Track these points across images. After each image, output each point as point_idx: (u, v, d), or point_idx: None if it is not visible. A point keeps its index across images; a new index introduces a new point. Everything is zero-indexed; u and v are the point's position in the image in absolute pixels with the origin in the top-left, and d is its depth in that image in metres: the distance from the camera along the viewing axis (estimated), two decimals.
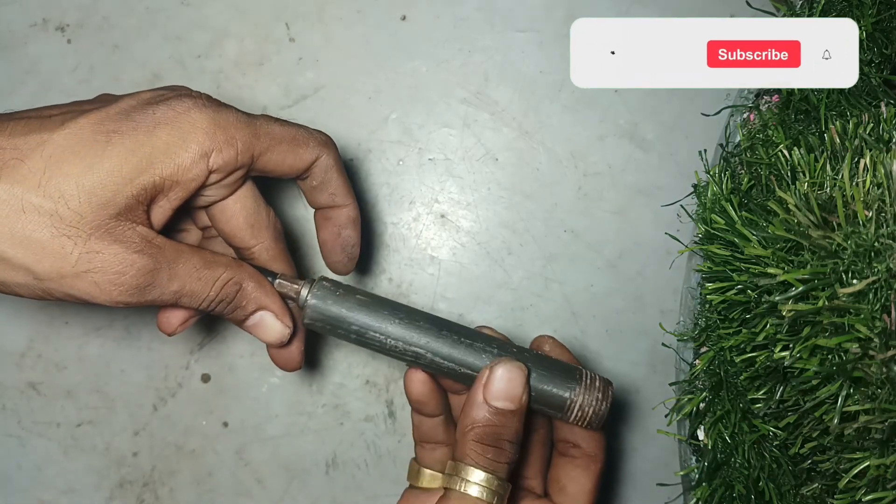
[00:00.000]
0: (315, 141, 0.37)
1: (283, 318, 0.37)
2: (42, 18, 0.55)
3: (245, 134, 0.34)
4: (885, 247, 0.30)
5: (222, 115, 0.34)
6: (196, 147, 0.32)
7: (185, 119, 0.33)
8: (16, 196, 0.30)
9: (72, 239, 0.30)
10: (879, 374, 0.29)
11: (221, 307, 0.35)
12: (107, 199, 0.31)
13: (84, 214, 0.31)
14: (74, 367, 0.54)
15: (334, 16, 0.54)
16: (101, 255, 0.31)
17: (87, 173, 0.31)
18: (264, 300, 0.36)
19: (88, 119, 0.32)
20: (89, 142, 0.31)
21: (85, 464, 0.54)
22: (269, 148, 0.35)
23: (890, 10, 0.40)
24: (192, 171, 0.33)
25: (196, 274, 0.34)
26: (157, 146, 0.32)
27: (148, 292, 0.33)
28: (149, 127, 0.32)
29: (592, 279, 0.53)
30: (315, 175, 0.38)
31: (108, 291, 0.32)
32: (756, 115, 0.44)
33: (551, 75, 0.54)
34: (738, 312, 0.37)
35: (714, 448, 0.41)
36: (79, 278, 0.31)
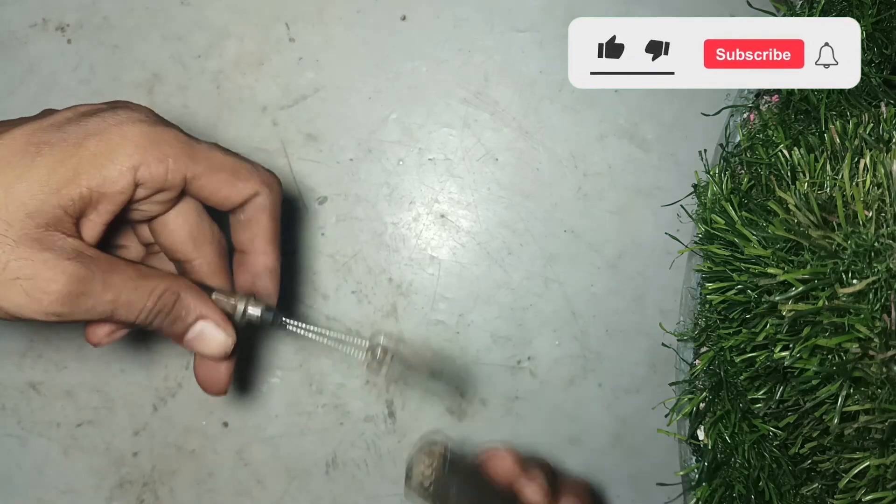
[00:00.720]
0: (258, 178, 0.36)
1: (226, 328, 0.36)
2: (42, 18, 0.55)
3: (179, 153, 0.33)
4: (885, 247, 0.30)
5: (157, 131, 0.33)
6: (124, 159, 0.32)
7: (116, 131, 0.32)
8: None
9: (0, 246, 0.30)
10: (879, 374, 0.29)
11: (160, 319, 0.34)
12: (35, 209, 0.31)
13: (12, 223, 0.30)
14: (74, 367, 0.54)
15: (334, 16, 0.54)
16: (31, 262, 0.30)
17: (15, 182, 0.30)
18: (203, 310, 0.36)
19: (22, 130, 0.32)
20: (20, 153, 0.31)
21: (85, 464, 0.54)
22: (204, 174, 0.34)
23: (890, 10, 0.40)
24: (118, 183, 0.32)
25: (132, 284, 0.33)
26: (85, 157, 0.31)
27: (81, 301, 0.32)
28: (79, 138, 0.32)
29: (592, 279, 0.53)
30: (246, 209, 0.37)
31: (39, 300, 0.31)
32: (756, 115, 0.44)
33: (551, 75, 0.54)
34: (738, 312, 0.37)
35: (714, 448, 0.41)
36: (8, 287, 0.30)
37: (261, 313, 0.37)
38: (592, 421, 0.54)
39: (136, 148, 0.32)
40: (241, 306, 0.37)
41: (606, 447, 0.54)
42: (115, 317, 0.33)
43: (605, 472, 0.53)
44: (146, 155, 0.32)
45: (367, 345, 0.37)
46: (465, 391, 0.54)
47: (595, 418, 0.54)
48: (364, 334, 0.38)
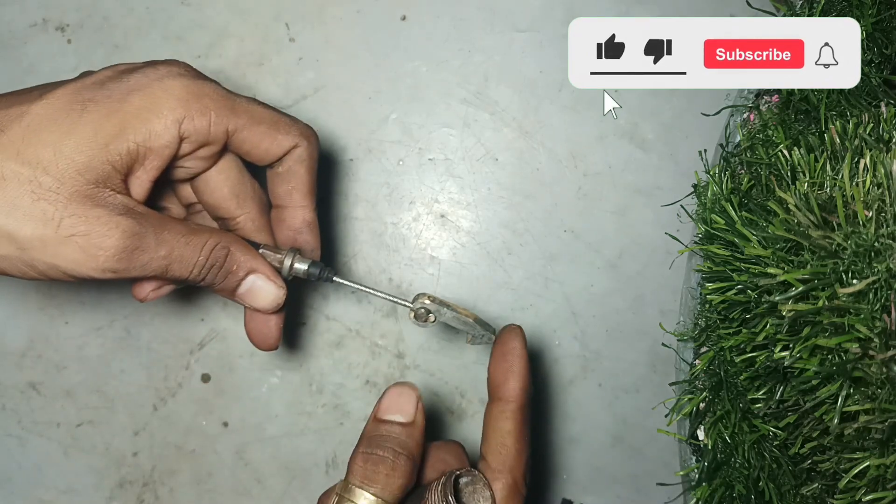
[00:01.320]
0: (297, 130, 0.37)
1: (276, 281, 0.36)
2: (42, 18, 0.55)
3: (221, 106, 0.34)
4: (885, 247, 0.30)
5: (198, 84, 0.34)
6: (168, 113, 0.32)
7: (159, 86, 0.32)
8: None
9: (52, 204, 0.30)
10: (879, 374, 0.29)
11: (212, 274, 0.34)
12: (84, 165, 0.31)
13: (63, 180, 0.30)
14: (74, 367, 0.54)
15: (334, 16, 0.54)
16: (85, 219, 0.30)
17: (63, 140, 0.30)
18: (254, 263, 0.36)
19: (65, 90, 0.32)
20: (65, 110, 0.31)
21: (85, 464, 0.54)
22: (246, 126, 0.35)
23: (890, 10, 0.40)
24: (163, 137, 0.32)
25: (183, 239, 0.33)
26: (130, 112, 0.32)
27: (136, 257, 0.31)
28: (122, 94, 0.32)
29: (592, 279, 0.53)
30: (284, 161, 0.37)
31: (95, 256, 0.31)
32: (756, 115, 0.44)
33: (551, 75, 0.54)
34: (738, 312, 0.37)
35: (714, 448, 0.41)
36: (63, 244, 0.30)
37: (307, 267, 0.38)
38: (592, 421, 0.54)
39: (178, 101, 0.32)
40: (288, 261, 0.37)
41: (606, 447, 0.54)
42: (168, 273, 0.33)
43: (605, 472, 0.54)
44: (189, 108, 0.33)
45: (412, 306, 0.38)
46: (465, 391, 0.54)
47: (595, 418, 0.54)
48: (408, 296, 0.39)
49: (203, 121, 0.33)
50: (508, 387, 0.37)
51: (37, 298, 0.54)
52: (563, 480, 0.53)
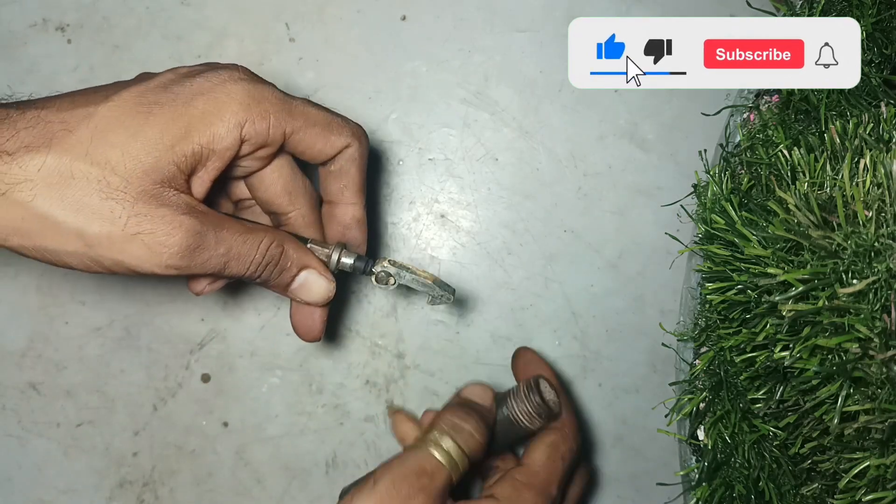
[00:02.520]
0: (349, 131, 0.38)
1: (327, 276, 0.38)
2: (42, 18, 0.55)
3: (279, 109, 0.35)
4: (885, 247, 0.30)
5: (258, 88, 0.35)
6: (231, 117, 0.34)
7: (221, 90, 0.34)
8: (65, 164, 0.31)
9: (119, 203, 0.31)
10: (879, 374, 0.29)
11: (268, 271, 0.36)
12: (150, 165, 0.32)
13: (130, 180, 0.31)
14: (74, 367, 0.54)
15: (334, 16, 0.54)
16: (150, 218, 0.32)
17: (130, 141, 0.32)
18: (306, 259, 0.38)
19: (131, 92, 0.33)
20: (132, 113, 0.32)
21: (85, 464, 0.54)
22: (301, 128, 0.36)
23: (890, 10, 0.40)
24: (226, 139, 0.34)
25: (241, 238, 0.35)
26: (195, 115, 0.33)
27: (197, 255, 0.33)
28: (187, 97, 0.33)
29: (592, 279, 0.53)
30: (337, 160, 0.39)
31: (159, 254, 0.32)
32: (756, 115, 0.44)
33: (551, 75, 0.54)
34: (738, 312, 0.37)
35: (714, 448, 0.41)
36: (129, 242, 0.32)
37: (353, 261, 0.40)
38: (592, 421, 0.54)
39: (240, 105, 0.34)
40: (336, 256, 0.39)
41: (606, 447, 0.54)
42: (226, 270, 0.35)
43: (605, 472, 0.54)
44: (250, 112, 0.34)
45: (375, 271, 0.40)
46: None
47: (595, 418, 0.54)
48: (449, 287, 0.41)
49: (263, 124, 0.35)
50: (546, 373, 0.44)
51: (37, 298, 0.54)
52: None
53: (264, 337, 0.54)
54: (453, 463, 0.37)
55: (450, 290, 0.41)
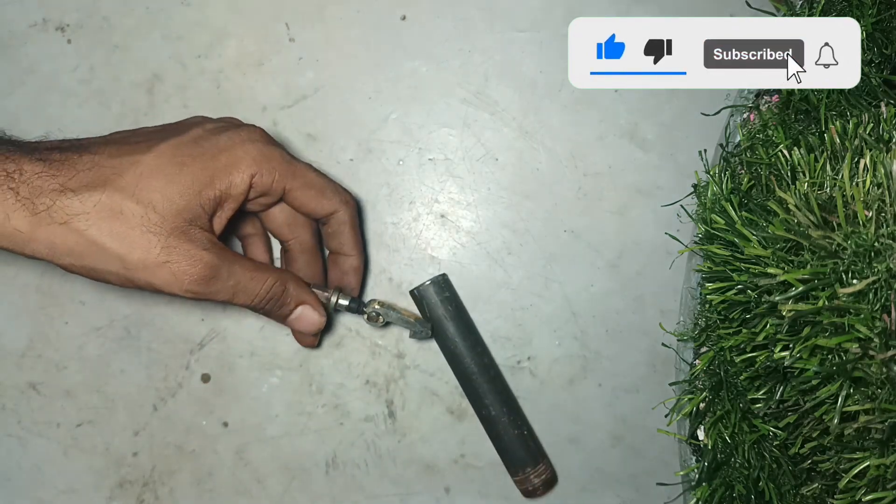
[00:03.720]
0: (339, 198, 0.47)
1: (320, 311, 0.46)
2: (42, 18, 0.55)
3: (284, 169, 0.44)
4: (885, 247, 0.30)
5: (269, 150, 0.44)
6: (245, 169, 0.42)
7: (241, 148, 0.43)
8: (115, 202, 0.39)
9: (156, 236, 0.39)
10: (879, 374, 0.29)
11: (270, 305, 0.44)
12: (182, 207, 0.40)
13: (166, 217, 0.40)
14: (74, 367, 0.54)
15: (334, 16, 0.54)
16: (178, 250, 0.40)
17: (168, 187, 0.40)
18: (304, 296, 0.46)
19: (168, 145, 0.41)
20: (170, 163, 0.40)
21: (85, 464, 0.54)
22: (299, 188, 0.45)
23: (890, 10, 0.40)
24: (240, 187, 0.42)
25: (249, 274, 0.43)
26: (219, 168, 0.42)
27: (212, 284, 0.41)
28: (213, 153, 0.42)
29: (592, 279, 0.53)
30: (331, 224, 0.48)
31: (181, 280, 0.40)
32: (756, 115, 0.44)
33: (551, 75, 0.54)
34: (738, 312, 0.37)
35: (714, 448, 0.41)
36: (160, 268, 0.40)
37: (348, 303, 0.48)
38: (592, 421, 0.54)
39: (254, 161, 0.43)
40: (334, 298, 0.48)
41: (606, 447, 0.54)
42: (234, 299, 0.43)
43: (605, 472, 0.54)
44: (261, 167, 0.43)
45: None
46: None
47: (595, 418, 0.54)
48: (427, 324, 0.50)
49: (269, 178, 0.43)
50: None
51: (37, 298, 0.54)
52: (563, 480, 0.53)
53: (264, 337, 0.54)
54: None
55: (427, 327, 0.49)
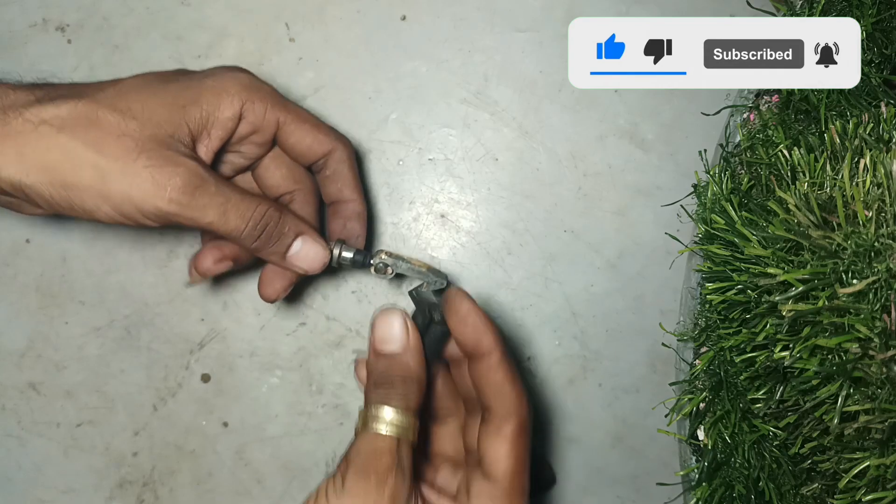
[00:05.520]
0: (335, 134, 0.43)
1: (322, 242, 0.42)
2: (42, 18, 0.55)
3: (275, 100, 0.41)
4: (885, 247, 0.30)
5: (258, 83, 0.41)
6: (234, 93, 0.39)
7: (228, 76, 0.40)
8: (92, 111, 0.36)
9: (133, 141, 0.36)
10: (879, 374, 0.29)
11: (266, 234, 0.39)
12: (164, 119, 0.37)
13: (144, 125, 0.36)
14: (74, 367, 0.54)
15: (334, 16, 0.54)
16: (158, 155, 0.36)
17: (149, 98, 0.37)
18: (302, 226, 0.41)
19: (150, 73, 0.39)
20: (153, 81, 0.38)
21: (85, 464, 0.54)
22: (293, 121, 0.41)
23: (890, 10, 0.40)
24: (227, 111, 0.39)
25: (240, 195, 0.38)
26: (205, 86, 0.39)
27: (199, 195, 0.37)
28: (199, 78, 0.40)
29: (592, 279, 0.53)
30: (329, 165, 0.43)
31: (163, 187, 0.36)
32: (756, 115, 0.44)
33: (551, 75, 0.54)
34: (738, 312, 0.37)
35: (714, 448, 0.41)
36: (138, 175, 0.36)
37: (353, 255, 0.43)
38: (592, 421, 0.54)
39: (242, 87, 0.40)
40: (336, 251, 0.43)
41: (606, 447, 0.54)
42: (224, 222, 0.38)
43: (605, 472, 0.54)
44: (251, 94, 0.40)
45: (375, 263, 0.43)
46: None
47: (595, 418, 0.54)
48: (442, 274, 0.43)
49: (260, 107, 0.40)
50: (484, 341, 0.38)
51: (37, 298, 0.54)
52: (563, 480, 0.53)
53: (264, 337, 0.54)
54: (402, 429, 0.37)
55: (442, 277, 0.43)
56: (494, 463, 0.37)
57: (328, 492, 0.36)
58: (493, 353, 0.38)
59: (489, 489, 0.37)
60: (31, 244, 0.54)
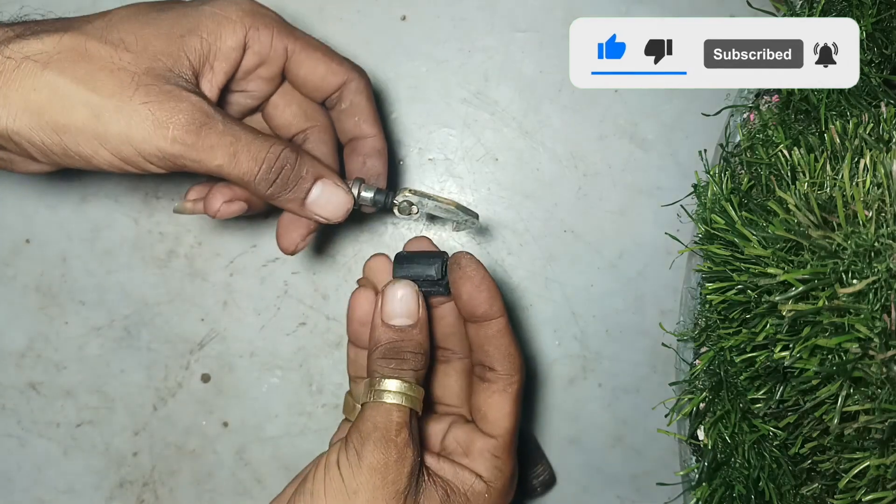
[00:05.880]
0: (349, 64, 0.39)
1: (343, 185, 0.37)
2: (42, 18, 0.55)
3: (282, 27, 0.37)
4: (885, 247, 0.30)
5: (262, 8, 0.37)
6: (236, 19, 0.35)
7: (228, 1, 0.36)
8: (79, 42, 0.32)
9: (129, 75, 0.32)
10: (879, 374, 0.29)
11: (283, 178, 0.35)
12: (161, 50, 0.33)
13: (140, 56, 0.33)
14: (74, 367, 0.54)
15: (334, 16, 0.54)
16: (158, 90, 0.32)
17: (143, 28, 0.34)
18: (322, 169, 0.37)
19: (143, 2, 0.36)
20: (145, 11, 0.34)
21: (85, 464, 0.54)
22: (303, 49, 0.37)
23: (890, 10, 0.40)
24: (230, 40, 0.35)
25: (252, 134, 0.34)
26: (204, 13, 0.35)
27: (205, 134, 0.33)
28: (196, 5, 0.36)
29: (592, 279, 0.53)
30: (345, 97, 0.39)
31: (165, 125, 0.32)
32: (756, 115, 0.44)
33: (551, 75, 0.54)
34: (738, 312, 0.37)
35: (714, 448, 0.41)
36: (136, 113, 0.32)
37: (373, 195, 0.39)
38: (592, 421, 0.54)
39: (245, 13, 0.36)
40: (356, 190, 0.39)
41: (606, 447, 0.54)
42: (236, 164, 0.34)
43: (605, 472, 0.54)
44: (255, 21, 0.36)
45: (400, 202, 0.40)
46: None
47: (595, 418, 0.54)
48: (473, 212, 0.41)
49: (266, 34, 0.36)
50: (496, 306, 0.38)
51: (37, 298, 0.54)
52: (563, 480, 0.53)
53: (264, 337, 0.54)
54: (411, 397, 0.36)
55: (473, 215, 0.40)
56: (498, 420, 0.38)
57: (340, 464, 0.35)
58: (502, 317, 0.38)
59: (491, 446, 0.38)
60: (31, 244, 0.54)
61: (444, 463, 0.38)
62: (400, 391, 0.36)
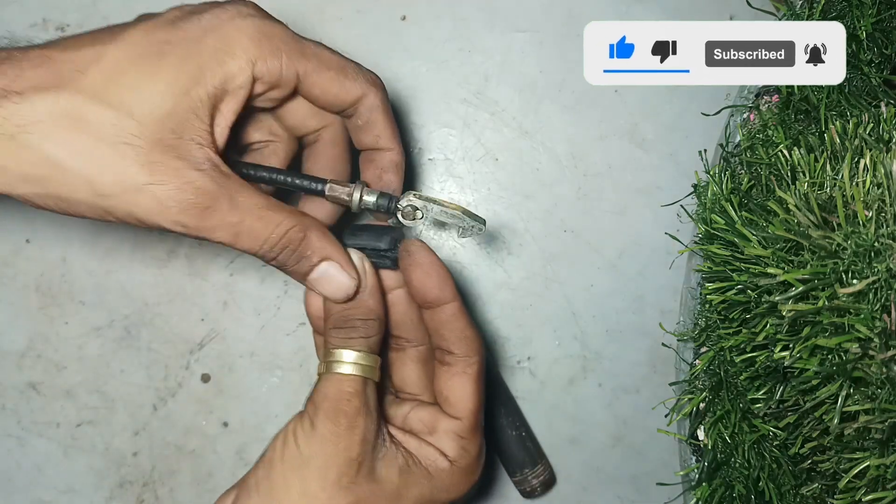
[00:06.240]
0: (364, 78, 0.38)
1: (350, 271, 0.36)
2: (42, 18, 0.55)
3: (292, 49, 0.34)
4: (885, 247, 0.30)
5: (269, 25, 0.34)
6: (242, 53, 0.32)
7: (231, 26, 0.33)
8: (76, 106, 0.30)
9: (133, 148, 0.30)
10: (879, 374, 0.29)
11: (285, 255, 0.35)
12: (167, 111, 0.31)
13: (145, 124, 0.30)
14: (74, 367, 0.54)
15: (334, 16, 0.54)
16: (164, 168, 0.31)
17: (145, 84, 0.31)
18: (329, 250, 0.36)
19: (138, 30, 0.32)
20: (144, 54, 0.31)
21: (85, 464, 0.54)
22: (315, 70, 0.35)
23: (890, 10, 0.40)
24: (238, 78, 0.33)
25: (258, 212, 0.33)
26: (206, 53, 0.32)
27: (208, 216, 0.32)
28: (196, 34, 0.32)
29: (592, 279, 0.53)
30: (360, 114, 0.38)
31: (168, 208, 0.31)
32: (756, 115, 0.44)
33: (551, 75, 0.54)
34: (738, 312, 0.37)
35: (714, 448, 0.41)
36: (140, 192, 0.31)
37: (376, 199, 0.38)
38: (592, 421, 0.54)
39: (251, 41, 0.33)
40: (357, 194, 0.38)
41: (606, 447, 0.54)
42: (237, 242, 0.33)
43: (605, 472, 0.54)
44: (262, 48, 0.33)
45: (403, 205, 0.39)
46: None
47: (595, 418, 0.54)
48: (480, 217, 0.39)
49: (275, 62, 0.34)
50: (447, 291, 0.38)
51: (37, 298, 0.54)
52: (563, 480, 0.53)
53: (264, 337, 0.54)
54: (367, 369, 0.36)
55: (480, 221, 0.39)
56: (460, 401, 0.38)
57: (297, 434, 0.36)
58: (455, 301, 0.38)
59: (456, 427, 0.38)
60: (31, 244, 0.54)
61: (409, 437, 0.38)
62: (351, 361, 0.36)
